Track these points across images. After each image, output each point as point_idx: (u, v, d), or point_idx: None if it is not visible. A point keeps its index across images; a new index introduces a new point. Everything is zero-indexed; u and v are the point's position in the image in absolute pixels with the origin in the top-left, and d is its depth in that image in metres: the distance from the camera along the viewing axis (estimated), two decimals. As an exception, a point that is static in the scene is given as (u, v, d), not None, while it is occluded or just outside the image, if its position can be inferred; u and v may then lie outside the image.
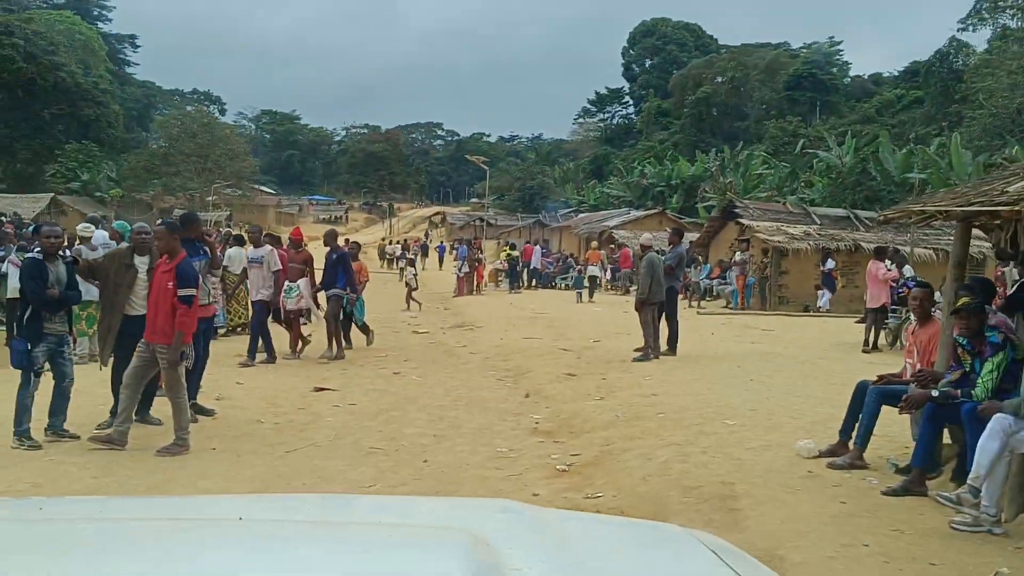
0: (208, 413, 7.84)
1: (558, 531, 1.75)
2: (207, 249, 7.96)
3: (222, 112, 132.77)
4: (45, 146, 67.36)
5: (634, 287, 28.69)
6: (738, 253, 21.75)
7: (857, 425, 6.20)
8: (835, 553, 4.34)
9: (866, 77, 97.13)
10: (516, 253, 29.23)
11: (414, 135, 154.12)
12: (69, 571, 1.36)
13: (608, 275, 28.24)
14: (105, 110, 72.23)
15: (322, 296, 12.44)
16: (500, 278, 29.26)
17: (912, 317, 6.95)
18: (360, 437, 7.46)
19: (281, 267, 11.45)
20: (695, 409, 8.02)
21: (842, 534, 4.63)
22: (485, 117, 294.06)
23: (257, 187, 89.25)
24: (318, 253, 13.24)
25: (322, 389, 9.50)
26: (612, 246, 33.23)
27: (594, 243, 28.18)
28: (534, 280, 30.09)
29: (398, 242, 51.59)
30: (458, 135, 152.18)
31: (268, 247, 11.56)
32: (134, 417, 7.42)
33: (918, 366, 6.32)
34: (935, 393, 5.40)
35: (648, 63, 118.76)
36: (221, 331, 13.45)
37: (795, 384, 9.62)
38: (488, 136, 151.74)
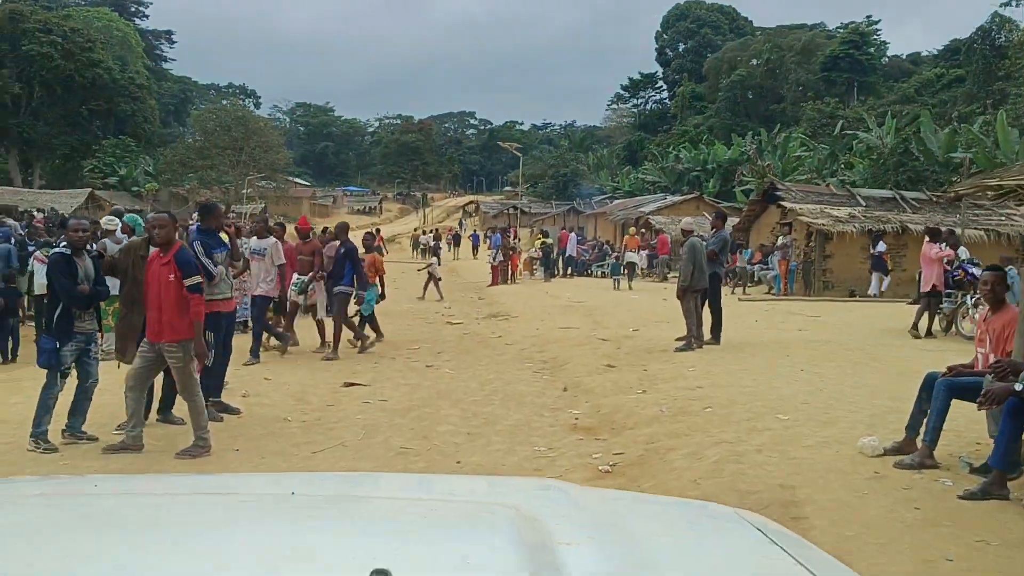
0: (233, 412, 7.54)
1: (603, 508, 1.77)
2: (228, 240, 7.66)
3: (257, 106, 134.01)
4: (83, 142, 68.20)
5: (672, 273, 28.23)
6: (780, 237, 21.08)
7: (925, 420, 5.70)
8: (917, 569, 3.88)
9: (904, 57, 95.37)
10: (550, 241, 28.78)
11: (447, 124, 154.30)
12: (130, 545, 1.39)
13: (644, 262, 27.69)
14: (142, 105, 72.89)
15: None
16: (535, 267, 28.79)
17: (982, 303, 6.41)
18: (390, 436, 7.11)
19: (285, 261, 10.98)
20: (744, 403, 7.55)
21: (921, 546, 4.16)
22: (518, 105, 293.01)
23: (292, 179, 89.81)
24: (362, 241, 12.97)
25: (352, 384, 9.18)
26: (644, 231, 32.80)
27: (632, 229, 27.67)
28: (569, 268, 29.62)
29: (430, 231, 51.36)
30: (491, 124, 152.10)
31: (272, 239, 11.06)
32: (157, 417, 7.14)
33: (992, 356, 5.80)
34: (1019, 387, 4.88)
35: (682, 47, 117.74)
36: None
37: (847, 374, 9.09)
38: (521, 124, 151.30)
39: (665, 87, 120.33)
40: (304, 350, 11.57)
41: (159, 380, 7.01)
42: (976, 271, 12.15)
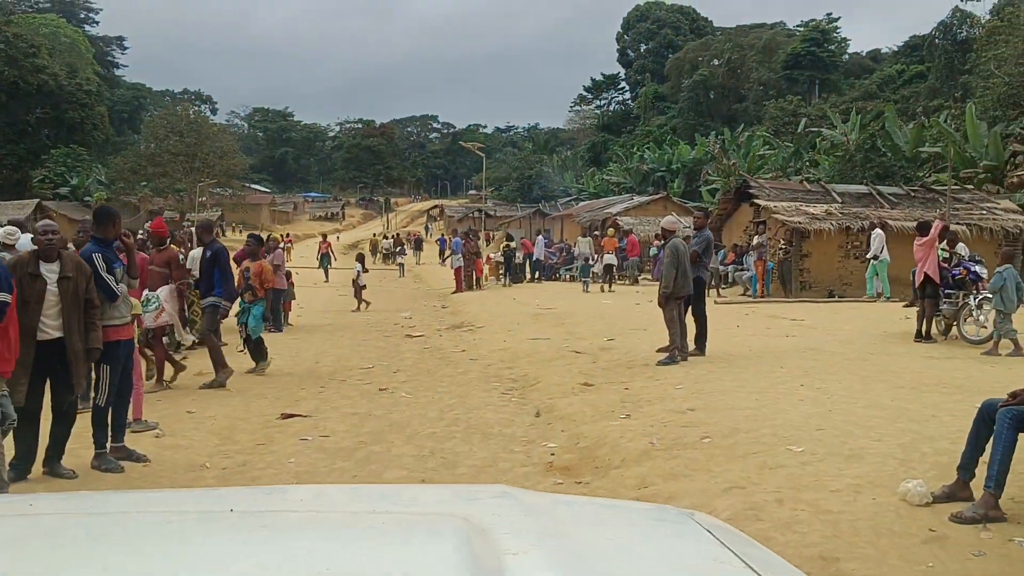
0: (139, 459, 6.25)
1: (555, 515, 1.76)
2: (125, 252, 6.38)
3: (214, 112, 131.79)
4: (31, 151, 65.93)
5: (643, 276, 27.23)
6: (756, 236, 20.13)
7: (987, 461, 4.62)
8: None
9: (864, 54, 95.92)
10: (513, 244, 27.58)
11: (409, 128, 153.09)
12: (63, 566, 1.36)
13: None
14: (91, 112, 70.69)
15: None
16: (501, 271, 27.57)
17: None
18: (328, 486, 5.89)
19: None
20: (747, 430, 6.45)
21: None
22: (481, 109, 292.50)
23: (250, 186, 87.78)
24: (310, 253, 11.66)
25: (290, 416, 7.93)
26: (597, 233, 32.29)
27: (610, 230, 26.70)
28: (537, 272, 28.47)
29: (391, 236, 49.97)
30: (454, 127, 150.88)
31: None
32: (43, 469, 5.87)
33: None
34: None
35: (643, 48, 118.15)
36: (186, 345, 11.94)
37: (855, 390, 8.04)
38: (484, 127, 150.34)
39: (627, 88, 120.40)
40: (241, 371, 10.28)
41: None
42: (979, 269, 11.22)
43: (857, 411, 7.04)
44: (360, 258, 21.37)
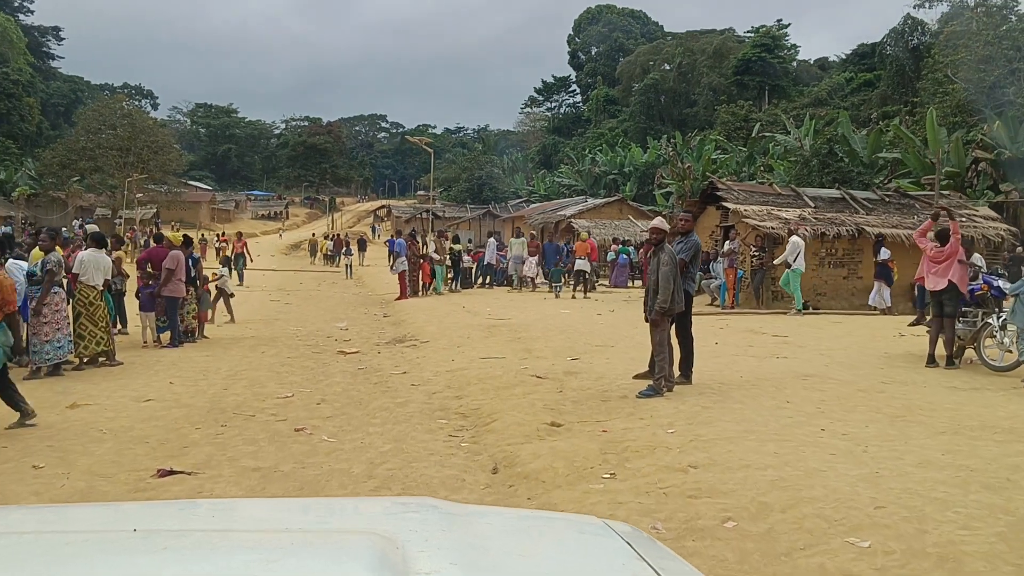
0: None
1: (473, 528, 1.73)
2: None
3: (155, 107, 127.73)
4: (-50, 144, 62.29)
5: (602, 282, 25.54)
6: (727, 242, 18.63)
7: None
8: None
9: (812, 62, 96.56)
10: (458, 247, 25.63)
11: (357, 128, 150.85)
12: None
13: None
14: (18, 103, 66.99)
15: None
16: (449, 276, 25.56)
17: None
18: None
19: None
20: (782, 507, 4.76)
21: None
22: (431, 110, 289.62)
23: (191, 183, 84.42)
24: (260, 251, 9.71)
25: (170, 472, 6.01)
26: (534, 233, 30.97)
27: (584, 233, 25.06)
28: (487, 277, 26.64)
29: (328, 237, 47.67)
30: (403, 127, 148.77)
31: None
32: None
33: None
34: None
35: (594, 51, 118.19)
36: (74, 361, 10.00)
37: (889, 435, 6.45)
38: (434, 127, 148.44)
39: (578, 90, 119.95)
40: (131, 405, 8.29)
41: None
42: (1002, 284, 9.76)
43: (910, 472, 5.41)
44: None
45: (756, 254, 18.45)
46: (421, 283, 22.47)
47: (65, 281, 10.07)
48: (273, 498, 4.89)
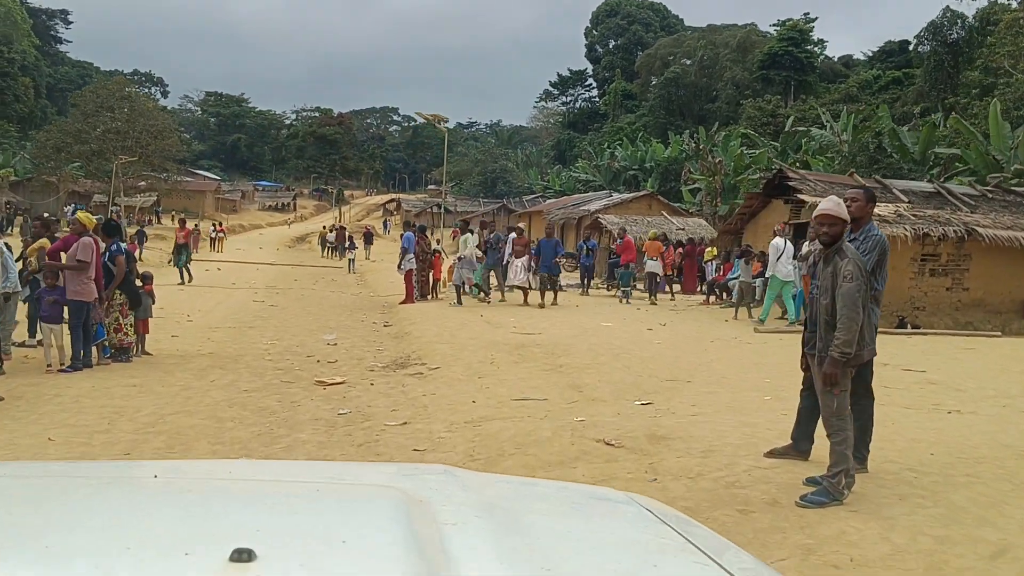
0: None
1: (494, 491, 1.72)
2: None
3: (165, 94, 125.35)
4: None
5: (637, 288, 21.83)
6: (805, 243, 15.19)
7: None
8: None
9: (836, 60, 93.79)
10: (474, 239, 21.55)
11: (369, 120, 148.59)
12: None
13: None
14: (12, 82, 64.04)
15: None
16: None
17: None
18: None
19: None
20: None
21: None
22: (444, 104, 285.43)
23: (196, 171, 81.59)
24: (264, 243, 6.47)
25: None
26: (521, 227, 26.56)
27: (652, 231, 21.38)
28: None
29: (335, 229, 44.37)
30: (415, 121, 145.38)
31: None
32: None
33: None
34: None
35: (612, 44, 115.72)
36: None
37: None
38: (446, 121, 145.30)
39: (595, 84, 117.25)
40: None
41: None
42: None
43: None
44: (350, 248, 15.89)
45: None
46: (432, 284, 19.11)
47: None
48: (283, 461, 4.86)
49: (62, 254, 9.16)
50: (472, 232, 18.69)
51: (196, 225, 49.22)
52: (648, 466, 5.54)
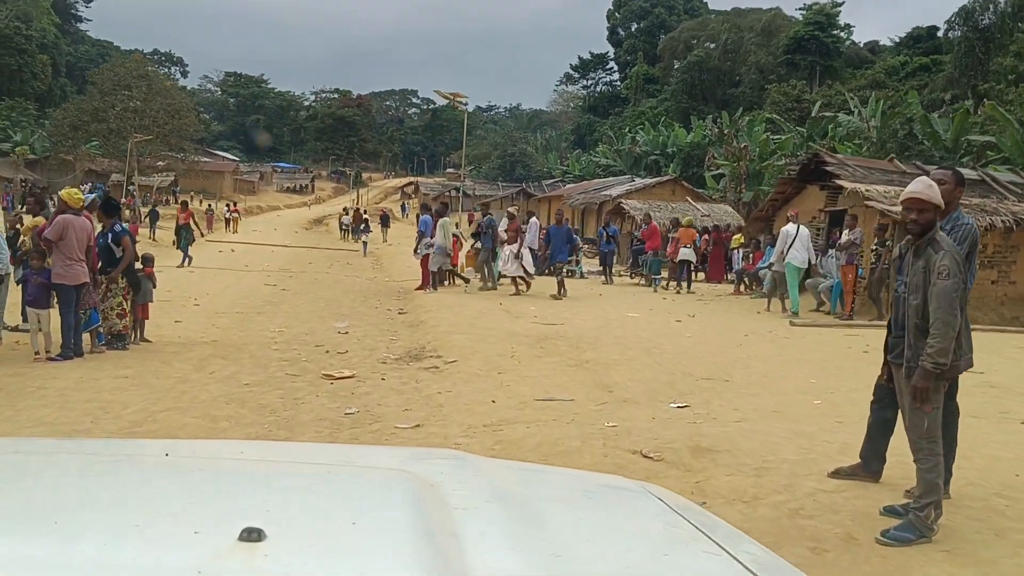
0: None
1: (506, 477, 1.70)
2: None
3: (184, 74, 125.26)
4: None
5: (660, 277, 20.86)
6: (847, 231, 14.36)
7: None
8: None
9: (861, 45, 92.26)
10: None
11: (388, 102, 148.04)
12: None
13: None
14: (29, 59, 63.68)
15: None
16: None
17: None
18: None
19: None
20: None
21: None
22: (463, 87, 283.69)
23: (215, 152, 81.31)
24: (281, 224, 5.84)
25: None
26: (512, 212, 25.05)
27: (687, 218, 20.57)
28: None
29: (349, 211, 43.69)
30: (434, 103, 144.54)
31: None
32: None
33: None
34: None
35: (634, 27, 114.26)
36: None
37: None
38: (466, 100, 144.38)
39: (616, 68, 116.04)
40: None
41: None
42: None
43: None
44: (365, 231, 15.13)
45: (876, 248, 14.15)
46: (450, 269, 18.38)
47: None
48: (295, 442, 4.84)
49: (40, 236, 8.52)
50: (448, 217, 17.75)
51: (210, 206, 48.75)
52: (694, 485, 4.83)
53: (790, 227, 14.51)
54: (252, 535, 1.06)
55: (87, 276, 8.49)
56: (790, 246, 14.18)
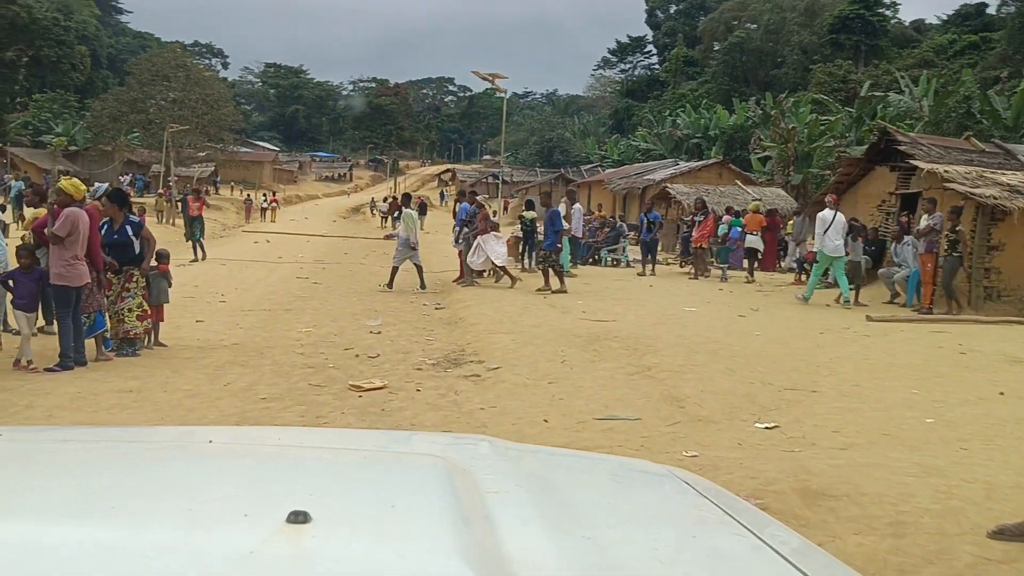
0: None
1: (536, 462, 1.74)
2: None
3: (225, 66, 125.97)
4: (5, 93, 59.41)
5: (715, 269, 19.41)
6: (926, 216, 13.05)
7: None
8: None
9: (907, 24, 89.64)
10: (533, 214, 18.90)
11: (425, 91, 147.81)
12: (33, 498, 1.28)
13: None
14: (68, 51, 63.83)
15: None
16: (521, 251, 19.79)
17: None
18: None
19: None
20: None
21: None
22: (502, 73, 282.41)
23: (256, 142, 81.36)
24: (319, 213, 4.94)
25: None
26: (476, 195, 23.13)
27: (754, 203, 19.30)
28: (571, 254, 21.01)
29: (386, 198, 42.89)
30: (471, 90, 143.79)
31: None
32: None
33: None
34: None
35: (673, 9, 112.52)
36: None
37: None
38: (506, 80, 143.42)
39: (655, 51, 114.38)
40: None
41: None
42: None
43: None
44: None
45: (949, 234, 12.80)
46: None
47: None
48: (330, 429, 4.85)
49: (46, 231, 7.61)
50: (413, 208, 16.59)
51: (249, 196, 48.30)
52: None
53: (827, 212, 13.73)
54: (299, 517, 1.08)
55: (89, 276, 7.61)
56: (825, 232, 13.46)
